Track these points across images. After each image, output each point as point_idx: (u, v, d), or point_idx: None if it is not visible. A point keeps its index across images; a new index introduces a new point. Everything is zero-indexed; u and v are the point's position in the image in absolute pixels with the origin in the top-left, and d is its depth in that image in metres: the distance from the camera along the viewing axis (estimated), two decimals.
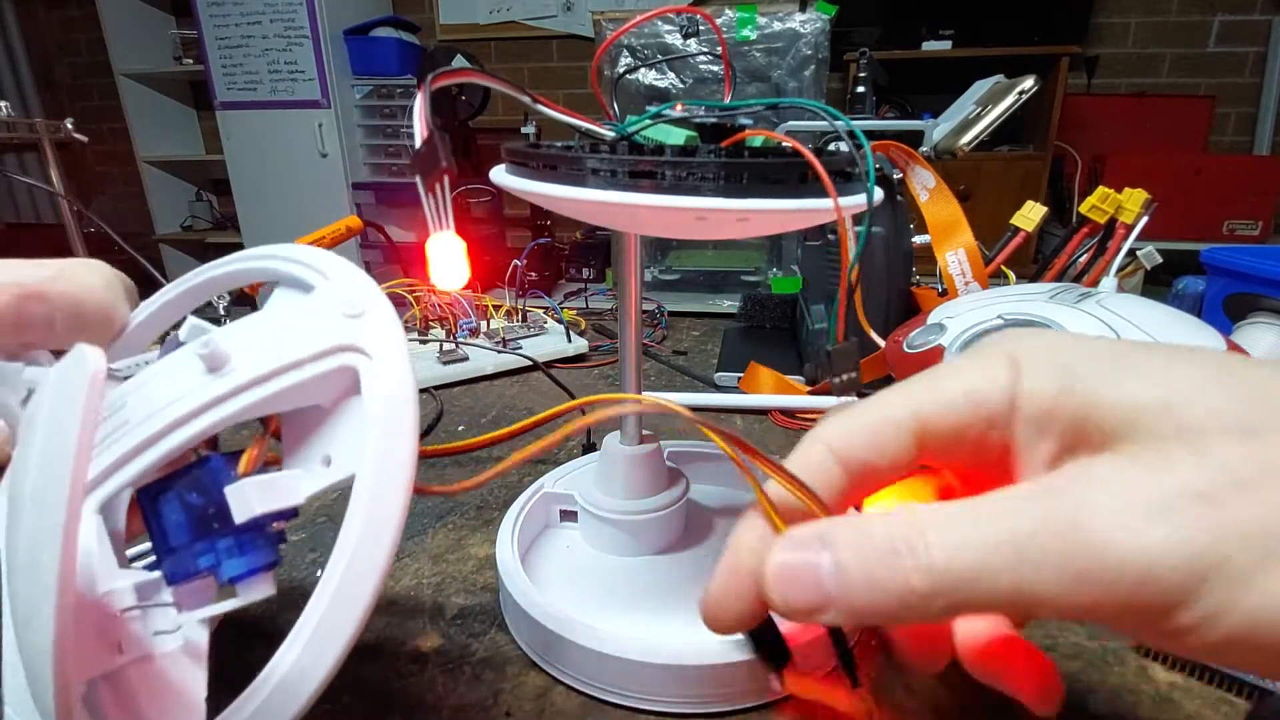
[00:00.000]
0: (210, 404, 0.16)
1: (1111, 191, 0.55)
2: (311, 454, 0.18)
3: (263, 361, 0.17)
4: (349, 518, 0.15)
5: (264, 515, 0.16)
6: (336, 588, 0.15)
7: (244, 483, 0.16)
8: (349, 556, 0.15)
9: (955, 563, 0.13)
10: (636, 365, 0.34)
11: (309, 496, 0.17)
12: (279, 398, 0.17)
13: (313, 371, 0.17)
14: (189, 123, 2.99)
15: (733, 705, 0.27)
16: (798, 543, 0.16)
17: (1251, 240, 2.04)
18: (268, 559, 0.17)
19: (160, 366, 0.18)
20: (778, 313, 0.78)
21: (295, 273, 0.20)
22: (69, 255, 0.75)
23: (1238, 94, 2.30)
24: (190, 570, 0.17)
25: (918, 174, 0.53)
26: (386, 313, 0.18)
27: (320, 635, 0.15)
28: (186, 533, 0.17)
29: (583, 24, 2.56)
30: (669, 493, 0.35)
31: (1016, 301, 0.35)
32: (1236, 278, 0.61)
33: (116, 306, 0.21)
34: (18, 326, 0.19)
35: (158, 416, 0.16)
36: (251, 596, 0.17)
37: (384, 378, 0.17)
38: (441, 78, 0.23)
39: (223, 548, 0.17)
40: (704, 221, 0.23)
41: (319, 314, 0.18)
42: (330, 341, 0.17)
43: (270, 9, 2.33)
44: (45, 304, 0.19)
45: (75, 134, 0.79)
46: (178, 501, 0.17)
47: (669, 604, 0.32)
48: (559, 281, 1.29)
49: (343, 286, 0.18)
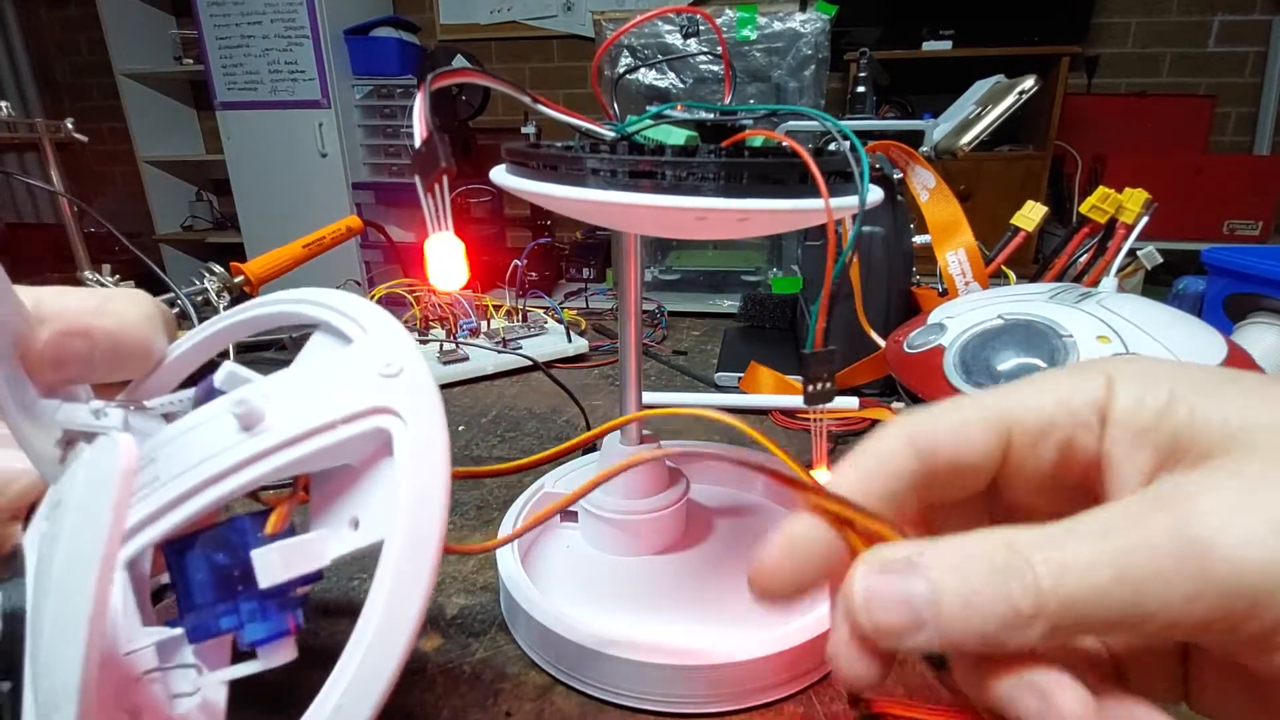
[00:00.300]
0: (243, 464, 0.16)
1: (1112, 191, 0.55)
2: (339, 514, 0.18)
3: (297, 422, 0.17)
4: (376, 586, 0.15)
5: (289, 581, 0.16)
6: (362, 657, 0.15)
7: (271, 548, 0.16)
8: (375, 625, 0.15)
9: (1064, 582, 0.13)
10: (636, 365, 0.34)
11: (334, 560, 0.17)
12: (312, 459, 0.17)
13: (347, 434, 0.17)
14: (189, 123, 2.99)
15: (733, 705, 0.27)
16: (887, 565, 0.15)
17: (1252, 240, 2.04)
18: (290, 624, 0.17)
19: (193, 420, 0.17)
20: (778, 313, 0.78)
21: (334, 321, 0.20)
22: (68, 255, 0.75)
23: (1238, 94, 2.30)
24: (212, 630, 0.17)
25: (918, 174, 0.53)
26: (422, 373, 0.18)
27: (345, 706, 0.15)
28: (210, 592, 0.17)
29: (583, 24, 2.56)
30: (669, 493, 0.35)
31: (1017, 301, 0.35)
32: (1237, 278, 0.61)
33: (154, 341, 0.21)
34: (58, 363, 0.19)
35: (190, 474, 0.16)
36: (273, 661, 0.17)
37: (417, 444, 0.17)
38: (441, 78, 0.23)
39: (246, 610, 0.17)
40: (704, 221, 0.23)
41: (355, 371, 0.18)
42: (365, 403, 0.17)
43: (270, 9, 2.33)
44: (87, 340, 0.19)
45: (75, 134, 0.79)
46: (204, 560, 0.17)
47: (669, 604, 0.32)
48: (559, 281, 1.29)
49: (380, 342, 0.18)
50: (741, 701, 0.27)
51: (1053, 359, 0.30)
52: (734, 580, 0.33)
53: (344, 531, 0.17)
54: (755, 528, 0.38)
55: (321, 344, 0.20)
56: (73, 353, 0.19)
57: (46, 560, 0.16)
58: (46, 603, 0.15)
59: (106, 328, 0.20)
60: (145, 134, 2.76)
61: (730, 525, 0.38)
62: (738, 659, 0.26)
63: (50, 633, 0.15)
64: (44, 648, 0.15)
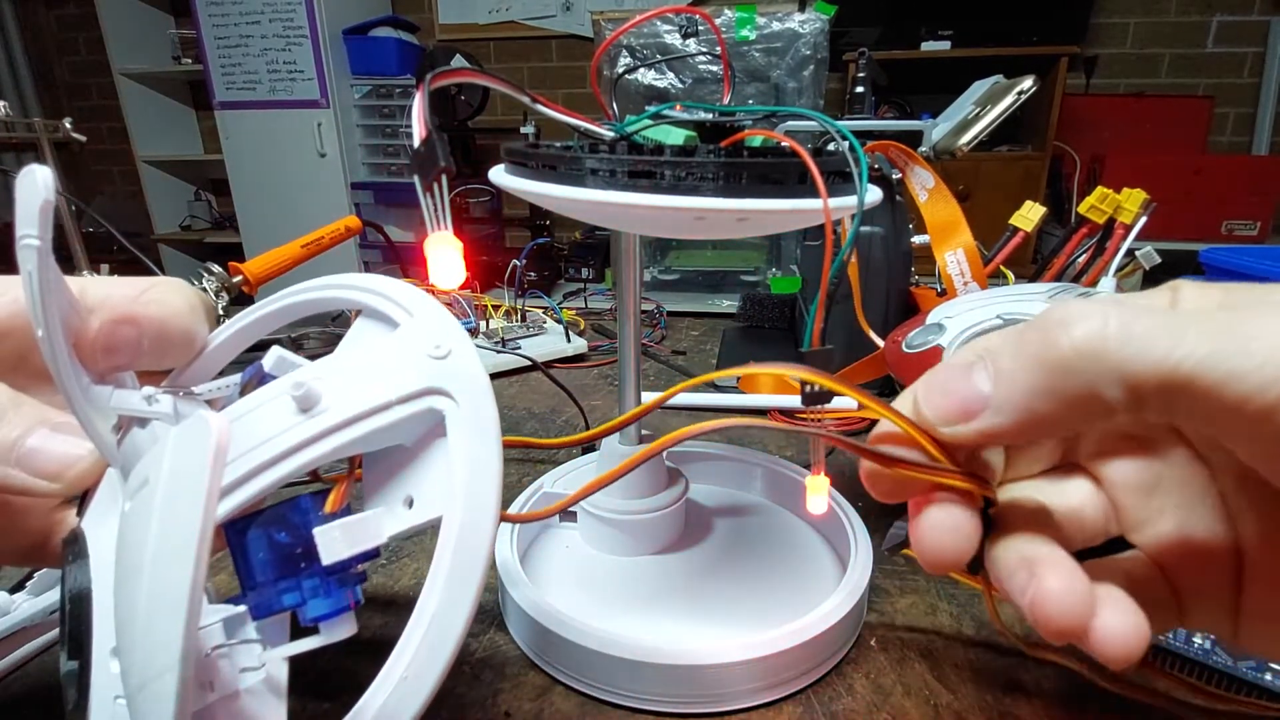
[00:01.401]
0: (303, 444, 0.17)
1: (1110, 191, 0.55)
2: (393, 493, 0.18)
3: (353, 403, 0.17)
4: (436, 563, 0.16)
5: (350, 558, 0.17)
6: (425, 633, 0.15)
7: (333, 525, 0.17)
8: (436, 602, 0.16)
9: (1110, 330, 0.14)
10: (635, 365, 0.34)
11: (391, 537, 0.18)
12: (368, 439, 0.17)
13: (401, 414, 0.17)
14: (188, 122, 2.98)
15: (732, 705, 0.27)
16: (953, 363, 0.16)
17: (1250, 240, 2.04)
18: (350, 600, 0.18)
19: (251, 402, 0.18)
20: (776, 313, 0.78)
21: (379, 306, 0.20)
22: (66, 255, 0.75)
23: (1236, 94, 2.30)
24: (274, 607, 0.17)
25: (917, 174, 0.53)
26: (470, 355, 0.18)
27: (408, 682, 0.15)
28: (272, 570, 0.17)
29: (582, 24, 2.56)
30: (668, 493, 0.35)
31: (1015, 301, 0.35)
32: (1235, 278, 0.61)
33: (198, 328, 0.21)
34: (109, 350, 0.19)
35: (251, 455, 0.17)
36: (334, 636, 0.17)
37: (470, 424, 0.17)
38: (440, 77, 0.23)
39: (308, 587, 0.17)
40: (703, 221, 0.23)
41: (405, 354, 0.18)
42: (418, 384, 0.17)
43: (269, 8, 2.33)
44: (135, 328, 0.19)
45: (74, 133, 0.79)
46: (265, 539, 0.17)
47: (668, 604, 0.32)
48: (558, 281, 1.29)
49: (428, 325, 0.19)
50: (741, 701, 0.27)
51: None
52: (734, 580, 0.33)
53: (399, 510, 0.18)
54: (755, 528, 0.38)
55: (367, 328, 0.21)
56: (122, 340, 0.19)
57: (136, 538, 0.16)
58: (139, 580, 0.15)
59: (153, 315, 0.20)
60: (144, 133, 2.76)
61: (730, 525, 0.38)
62: (737, 659, 0.26)
63: (146, 607, 0.15)
64: (139, 621, 0.15)
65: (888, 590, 0.33)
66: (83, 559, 0.18)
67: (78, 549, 0.18)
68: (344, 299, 0.21)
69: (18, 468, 0.19)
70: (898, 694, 0.27)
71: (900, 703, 0.27)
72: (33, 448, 0.19)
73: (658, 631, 0.30)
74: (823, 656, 0.28)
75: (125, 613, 0.16)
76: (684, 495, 0.35)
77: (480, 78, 0.25)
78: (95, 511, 0.19)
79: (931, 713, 0.26)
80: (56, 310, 0.16)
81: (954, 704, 0.27)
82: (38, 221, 0.15)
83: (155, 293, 0.21)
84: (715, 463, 0.42)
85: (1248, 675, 0.26)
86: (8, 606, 0.27)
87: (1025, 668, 0.28)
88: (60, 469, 0.19)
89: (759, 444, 0.50)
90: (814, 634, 0.27)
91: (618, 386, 0.35)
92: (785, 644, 0.26)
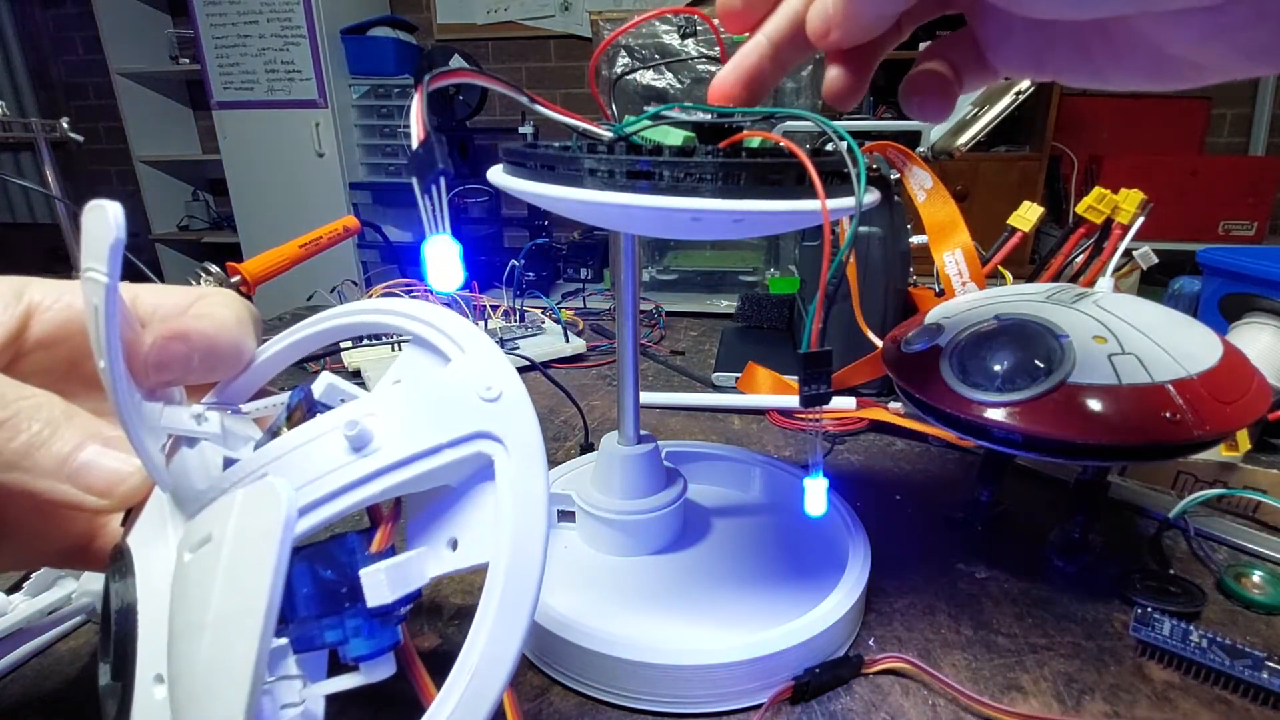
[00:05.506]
0: (354, 484, 0.17)
1: (1108, 192, 0.55)
2: (437, 534, 0.18)
3: (404, 445, 0.17)
4: (481, 613, 0.16)
5: (395, 600, 0.17)
6: (466, 688, 0.15)
7: (378, 568, 0.17)
8: (478, 656, 0.16)
9: None
10: (634, 365, 0.34)
11: (433, 579, 0.18)
12: (417, 480, 0.17)
13: (450, 458, 0.17)
14: (185, 122, 2.98)
15: (732, 705, 0.27)
16: None
17: (1247, 241, 2.05)
18: (391, 640, 0.18)
19: (303, 436, 0.18)
20: (775, 313, 0.78)
21: (431, 338, 0.20)
22: (65, 255, 0.75)
23: (1233, 95, 2.31)
24: (316, 642, 0.17)
25: (915, 174, 0.53)
26: (521, 398, 0.18)
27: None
28: (316, 605, 0.17)
29: (580, 24, 2.56)
30: (667, 493, 0.35)
31: (1013, 302, 0.35)
32: (1232, 278, 0.61)
33: (245, 344, 0.21)
34: (160, 367, 0.19)
35: (303, 491, 0.17)
36: (374, 677, 0.17)
37: (519, 471, 0.17)
38: (439, 78, 0.23)
39: (351, 626, 0.17)
40: (701, 222, 0.23)
41: (456, 393, 0.18)
42: (468, 428, 0.17)
43: (267, 8, 2.33)
44: (186, 344, 0.19)
45: (71, 133, 0.78)
46: (310, 574, 0.17)
47: (667, 604, 0.32)
48: (557, 281, 1.29)
49: (479, 363, 0.19)
50: (739, 701, 0.27)
51: (1049, 359, 0.30)
52: (732, 580, 0.33)
53: (442, 551, 0.18)
54: (753, 528, 0.38)
55: (416, 359, 0.20)
56: (173, 357, 0.19)
57: (198, 595, 0.16)
58: (200, 636, 0.15)
59: (204, 331, 0.20)
60: (141, 133, 2.76)
61: (728, 525, 0.38)
62: (735, 659, 0.26)
63: (207, 669, 0.15)
64: (198, 678, 0.15)
65: (886, 590, 0.33)
66: (130, 576, 0.18)
67: (123, 565, 0.18)
68: (395, 326, 0.21)
69: (69, 483, 0.18)
70: (896, 694, 0.27)
71: (899, 703, 0.27)
72: (84, 463, 0.19)
73: (656, 632, 0.30)
74: (821, 656, 0.28)
75: (183, 663, 0.16)
76: (682, 495, 0.35)
77: (478, 78, 0.25)
78: (141, 530, 0.19)
79: (929, 713, 0.26)
80: (119, 345, 0.16)
81: (952, 704, 0.27)
82: (107, 259, 0.15)
83: (205, 305, 0.21)
84: (714, 463, 0.42)
85: (1245, 675, 0.26)
86: (5, 607, 0.27)
87: (1024, 668, 0.29)
88: (110, 485, 0.19)
89: (758, 444, 0.50)
90: (813, 634, 0.27)
91: (616, 386, 0.35)
92: (784, 644, 0.27)
